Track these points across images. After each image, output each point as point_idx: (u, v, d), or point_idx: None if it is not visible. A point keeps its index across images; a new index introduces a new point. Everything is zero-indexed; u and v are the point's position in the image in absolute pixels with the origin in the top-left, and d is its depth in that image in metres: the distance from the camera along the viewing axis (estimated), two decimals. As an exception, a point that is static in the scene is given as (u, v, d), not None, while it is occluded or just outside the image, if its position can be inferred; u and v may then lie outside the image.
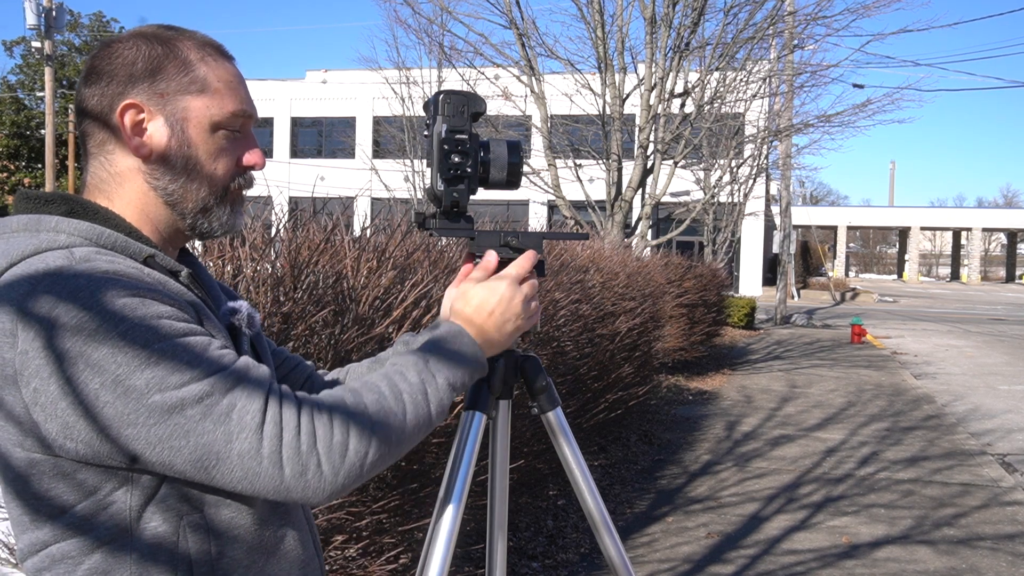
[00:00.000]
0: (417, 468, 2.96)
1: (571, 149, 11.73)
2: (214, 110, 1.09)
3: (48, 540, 0.99)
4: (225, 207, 1.12)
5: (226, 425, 0.94)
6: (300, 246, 2.81)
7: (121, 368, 0.91)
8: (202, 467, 0.94)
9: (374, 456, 1.01)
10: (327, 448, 0.98)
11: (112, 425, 0.92)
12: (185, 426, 0.93)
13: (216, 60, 1.11)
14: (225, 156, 1.11)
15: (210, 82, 1.09)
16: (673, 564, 4.17)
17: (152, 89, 1.07)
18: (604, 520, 1.57)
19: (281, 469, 0.96)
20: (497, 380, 1.47)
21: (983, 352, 14.47)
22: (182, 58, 1.09)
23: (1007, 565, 4.30)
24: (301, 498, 0.98)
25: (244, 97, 1.13)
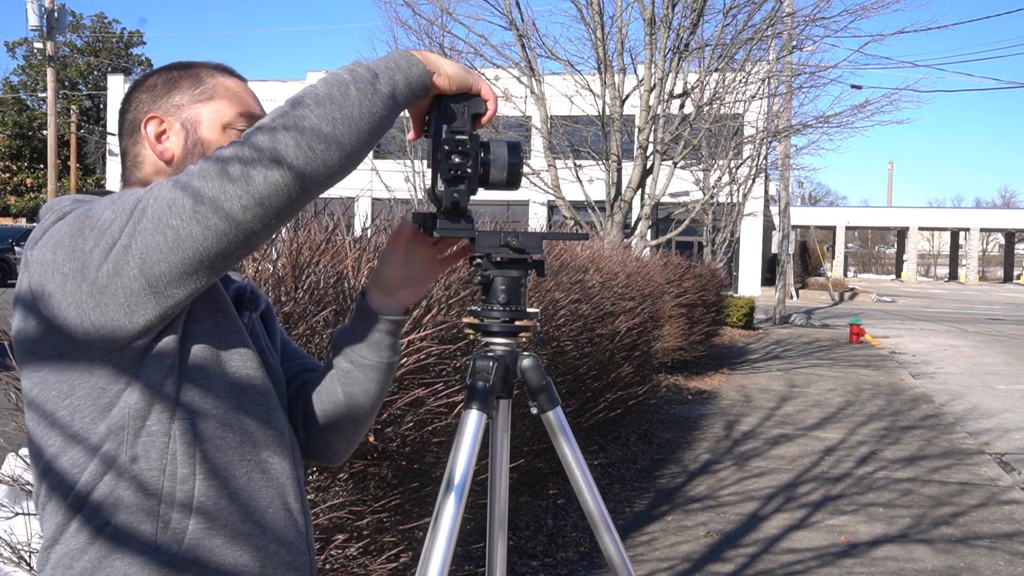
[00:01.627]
0: (418, 467, 2.98)
1: (571, 150, 11.74)
2: (222, 112, 1.25)
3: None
4: None
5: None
6: (301, 246, 2.82)
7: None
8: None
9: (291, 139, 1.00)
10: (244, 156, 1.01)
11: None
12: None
13: (225, 75, 1.28)
14: None
15: (218, 90, 1.26)
16: (672, 563, 4.19)
17: (170, 103, 1.25)
18: (604, 519, 1.59)
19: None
20: (497, 380, 1.48)
21: (981, 352, 14.49)
22: (195, 76, 1.26)
23: (1005, 564, 4.31)
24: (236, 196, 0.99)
25: (251, 103, 1.28)
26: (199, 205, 0.98)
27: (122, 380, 1.07)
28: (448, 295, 3.17)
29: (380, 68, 1.10)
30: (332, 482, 2.74)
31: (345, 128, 1.04)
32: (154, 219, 1.00)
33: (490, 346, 1.52)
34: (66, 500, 1.08)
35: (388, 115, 1.09)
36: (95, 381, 1.07)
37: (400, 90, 1.11)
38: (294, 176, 1.00)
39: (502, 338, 1.52)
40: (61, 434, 1.08)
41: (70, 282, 1.03)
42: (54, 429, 1.08)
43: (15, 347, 1.12)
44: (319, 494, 2.66)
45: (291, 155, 1.00)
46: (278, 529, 1.19)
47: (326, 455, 1.41)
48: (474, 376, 1.49)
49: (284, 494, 1.21)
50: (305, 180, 1.01)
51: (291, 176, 1.00)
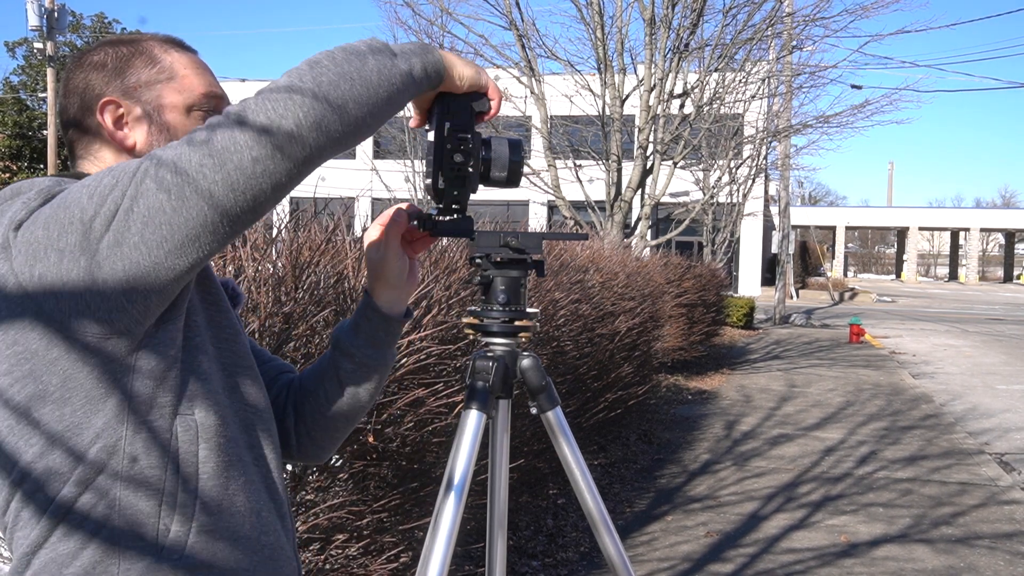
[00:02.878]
0: (418, 467, 2.98)
1: (571, 150, 11.75)
2: (186, 93, 1.16)
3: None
4: None
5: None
6: (301, 246, 2.82)
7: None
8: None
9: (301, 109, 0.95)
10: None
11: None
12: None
13: (179, 51, 1.18)
14: None
15: (177, 69, 1.16)
16: (672, 563, 4.19)
17: (125, 84, 1.14)
18: (603, 519, 1.59)
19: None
20: (497, 380, 1.48)
21: (981, 352, 14.49)
22: (147, 53, 1.16)
23: (1005, 564, 4.31)
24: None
25: (212, 80, 1.19)
26: (207, 159, 0.92)
27: (120, 371, 0.98)
28: (448, 295, 3.17)
29: (398, 48, 1.08)
30: (332, 482, 2.74)
31: (363, 90, 0.99)
32: (158, 177, 0.92)
33: (490, 346, 1.52)
34: (51, 504, 0.99)
35: (404, 90, 1.05)
36: (88, 371, 0.97)
37: (417, 72, 1.08)
38: (308, 119, 0.95)
39: (502, 338, 1.52)
40: (44, 434, 0.98)
41: (67, 259, 0.93)
42: (35, 429, 0.98)
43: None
44: (319, 494, 2.67)
45: (307, 102, 0.95)
46: (272, 530, 1.15)
47: (315, 453, 1.37)
48: (474, 376, 1.49)
49: (273, 494, 1.17)
50: (319, 123, 0.95)
51: (303, 118, 0.94)
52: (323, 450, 1.37)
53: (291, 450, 1.33)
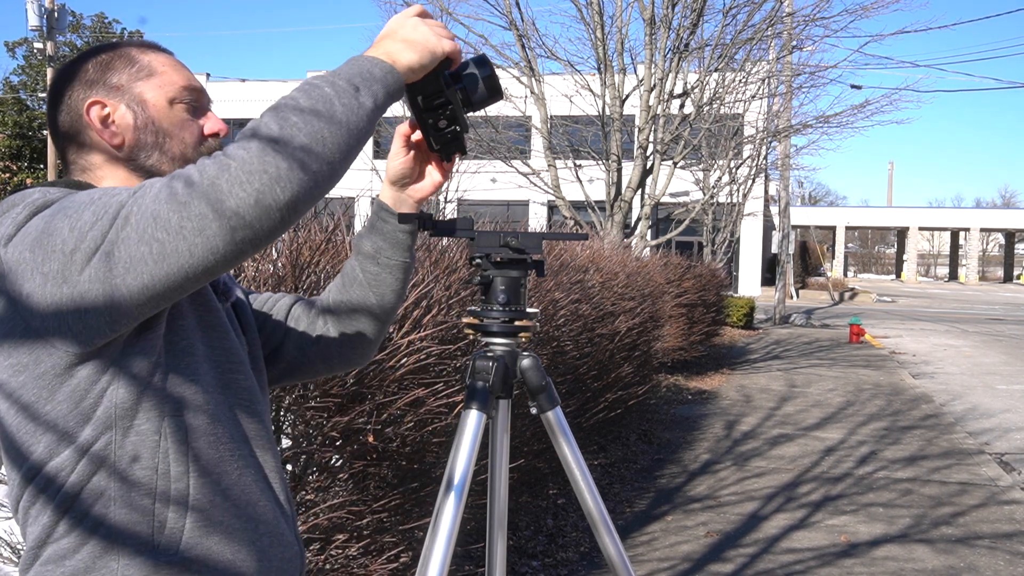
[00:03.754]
0: (418, 467, 2.98)
1: (571, 150, 11.75)
2: (166, 87, 1.20)
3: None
4: None
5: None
6: (301, 246, 2.82)
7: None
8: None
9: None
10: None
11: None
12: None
13: (155, 52, 1.24)
14: (188, 126, 1.21)
15: (155, 66, 1.21)
16: (673, 563, 4.19)
17: (107, 85, 1.19)
18: (603, 519, 1.59)
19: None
20: (497, 380, 1.48)
21: (981, 352, 14.49)
22: (126, 56, 1.21)
23: (1005, 564, 4.31)
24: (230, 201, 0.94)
25: (190, 75, 1.24)
26: (185, 221, 0.93)
27: (104, 378, 1.04)
28: (448, 295, 3.17)
29: (357, 80, 1.05)
30: (332, 482, 2.74)
31: (334, 145, 0.99)
32: (139, 229, 0.95)
33: (490, 346, 1.53)
34: (54, 501, 1.05)
35: (371, 127, 1.06)
36: (76, 383, 1.03)
37: (380, 101, 1.08)
38: (285, 196, 0.95)
39: (502, 338, 1.52)
40: (47, 436, 1.04)
41: (50, 283, 0.98)
42: (39, 431, 1.05)
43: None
44: (319, 494, 2.67)
45: (282, 174, 0.95)
46: (270, 522, 1.18)
47: (353, 358, 1.45)
48: (474, 376, 1.49)
49: (272, 486, 1.21)
50: (296, 199, 0.96)
51: (281, 195, 0.95)
52: (362, 354, 1.45)
53: (332, 361, 1.41)
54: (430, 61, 1.14)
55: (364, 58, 1.10)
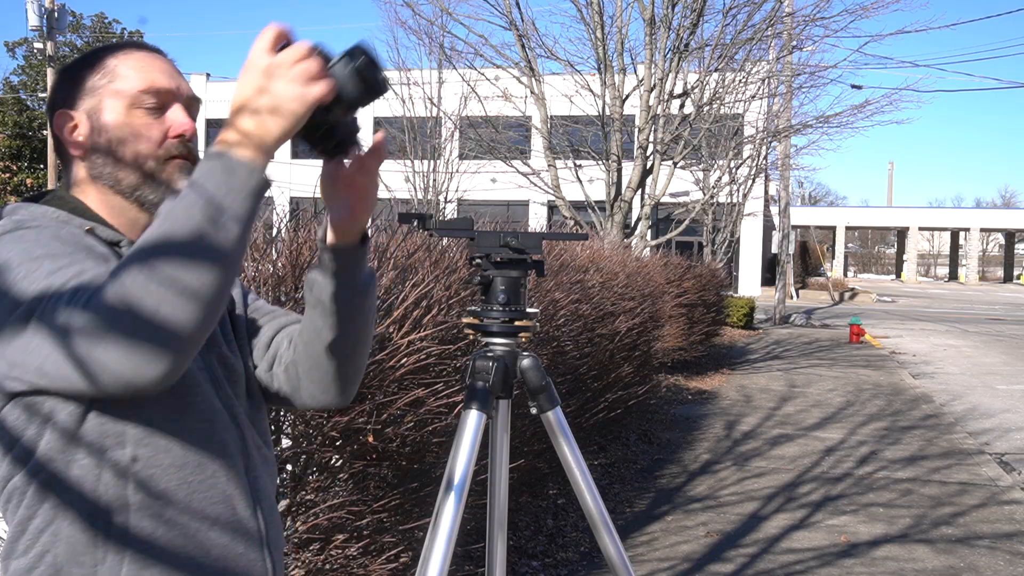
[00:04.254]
0: (418, 467, 2.97)
1: (571, 150, 11.74)
2: (123, 91, 1.16)
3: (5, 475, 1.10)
4: (160, 179, 1.17)
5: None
6: (301, 246, 2.82)
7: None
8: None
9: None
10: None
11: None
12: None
13: (132, 51, 1.20)
14: (146, 132, 1.17)
15: (119, 71, 1.17)
16: (673, 563, 4.18)
17: (74, 96, 1.18)
18: (603, 519, 1.59)
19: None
20: (497, 380, 1.48)
21: (981, 352, 14.49)
22: (97, 62, 1.19)
23: (1005, 564, 4.31)
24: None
25: (155, 76, 1.18)
26: (66, 360, 0.94)
27: (41, 414, 1.04)
28: (448, 295, 3.17)
29: (226, 201, 0.95)
30: (332, 482, 2.74)
31: (208, 280, 0.93)
32: (41, 342, 0.96)
33: (490, 346, 1.52)
34: (15, 517, 1.08)
35: (246, 240, 1.00)
36: (15, 415, 1.05)
37: (250, 212, 0.98)
38: (160, 339, 0.91)
39: (502, 338, 1.52)
40: (4, 460, 1.08)
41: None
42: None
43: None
44: (319, 494, 2.66)
45: (161, 314, 0.90)
46: (225, 545, 1.14)
47: (325, 398, 1.31)
48: (474, 376, 1.49)
49: (233, 505, 1.16)
50: (179, 363, 0.94)
51: (157, 339, 0.91)
52: (328, 394, 1.31)
53: (300, 398, 1.30)
54: (303, 118, 0.98)
55: (222, 161, 0.96)
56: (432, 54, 15.82)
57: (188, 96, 1.22)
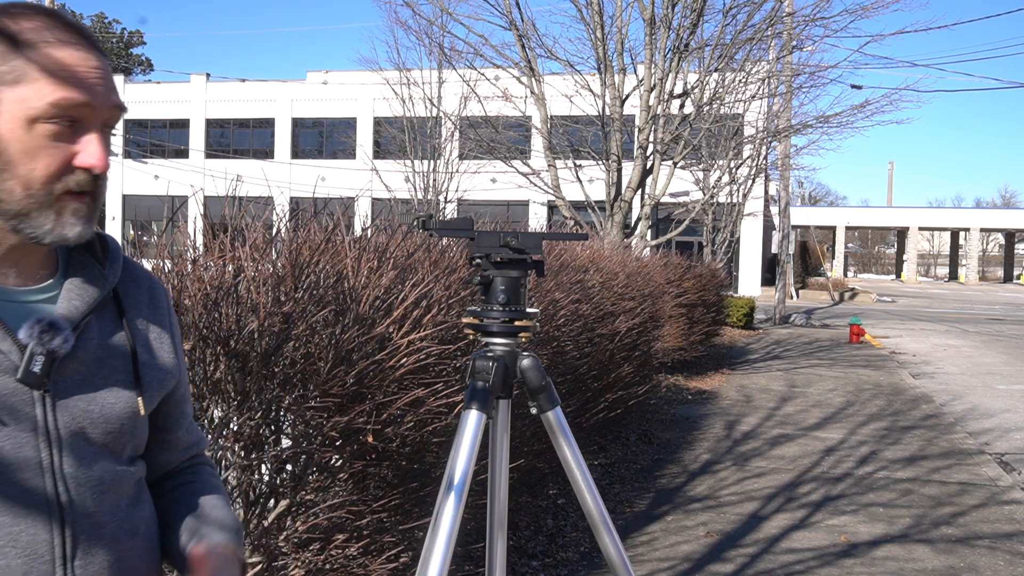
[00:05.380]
0: (418, 467, 2.97)
1: (571, 150, 11.75)
2: (32, 101, 0.94)
3: None
4: (49, 213, 0.97)
5: None
6: (301, 246, 2.82)
7: None
8: None
9: None
10: None
11: None
12: None
13: (58, 45, 0.96)
14: (46, 154, 0.96)
15: (31, 70, 0.94)
16: (673, 563, 4.18)
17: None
18: (603, 519, 1.59)
19: None
20: (497, 380, 1.48)
21: (981, 352, 14.49)
22: (6, 45, 0.95)
23: (1005, 564, 4.31)
24: None
25: (75, 92, 0.96)
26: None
27: None
28: (448, 295, 3.17)
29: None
30: (332, 482, 2.74)
31: None
32: None
33: (490, 346, 1.52)
34: None
35: None
36: None
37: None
38: None
39: (502, 338, 1.52)
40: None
41: None
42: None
43: None
44: (319, 494, 2.66)
45: None
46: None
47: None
48: (474, 376, 1.49)
49: (43, 570, 0.98)
50: None
51: None
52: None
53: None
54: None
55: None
56: (432, 54, 15.85)
57: (109, 108, 0.99)
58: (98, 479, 1.03)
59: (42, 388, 0.98)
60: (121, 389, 1.06)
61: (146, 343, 1.11)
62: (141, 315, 1.12)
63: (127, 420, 1.06)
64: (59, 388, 1.00)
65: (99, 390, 1.04)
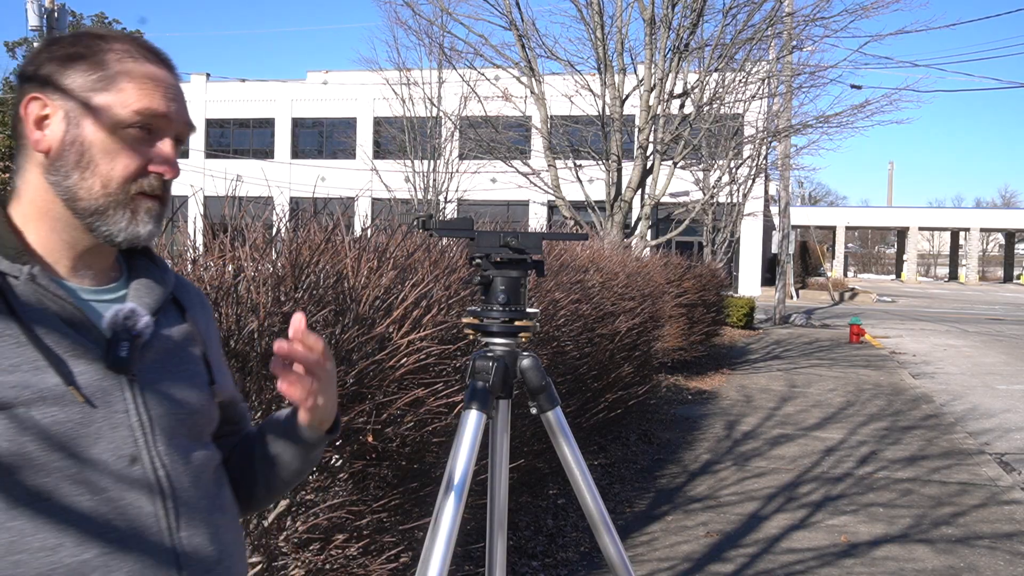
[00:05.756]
0: (418, 467, 2.97)
1: (571, 150, 11.75)
2: (116, 108, 1.05)
3: None
4: (124, 212, 1.07)
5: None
6: (301, 246, 2.82)
7: None
8: None
9: None
10: None
11: None
12: None
13: (138, 61, 1.08)
14: (125, 156, 1.06)
15: (118, 80, 1.06)
16: (673, 563, 4.18)
17: (56, 82, 1.05)
18: (603, 519, 1.59)
19: None
20: (497, 380, 1.48)
21: (981, 352, 14.49)
22: (99, 58, 1.06)
23: (1005, 564, 4.31)
24: None
25: (157, 102, 1.07)
26: None
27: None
28: (448, 295, 3.17)
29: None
30: (332, 482, 2.74)
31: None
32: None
33: (490, 346, 1.52)
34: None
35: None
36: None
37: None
38: None
39: (502, 338, 1.52)
40: None
41: None
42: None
43: None
44: (319, 494, 2.66)
45: None
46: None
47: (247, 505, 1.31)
48: (474, 376, 1.49)
49: (153, 540, 1.05)
50: None
51: None
52: (250, 506, 1.31)
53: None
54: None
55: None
56: (432, 54, 15.84)
57: (182, 123, 1.11)
58: (187, 459, 1.11)
59: (128, 373, 1.06)
60: (194, 378, 1.15)
61: (207, 339, 1.22)
62: (196, 313, 1.23)
63: (202, 407, 1.16)
64: (142, 374, 1.08)
65: (176, 378, 1.13)
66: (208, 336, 1.24)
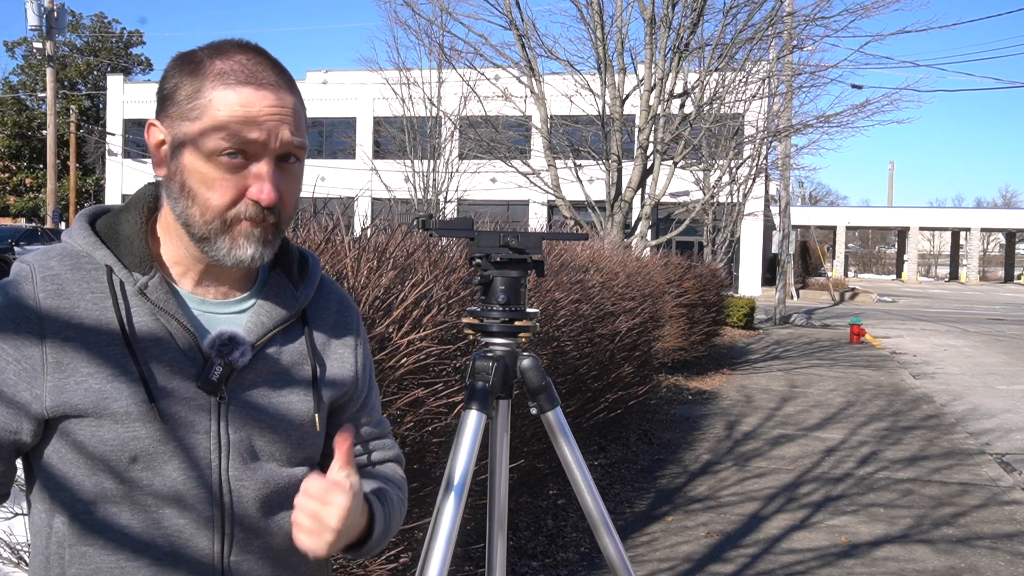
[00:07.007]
0: (418, 468, 2.97)
1: (571, 149, 11.74)
2: (207, 138, 1.04)
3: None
4: (224, 238, 1.07)
5: None
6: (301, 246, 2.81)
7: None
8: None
9: None
10: None
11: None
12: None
13: (230, 86, 1.05)
14: (220, 185, 1.05)
15: (210, 109, 1.04)
16: (673, 563, 4.18)
17: (166, 111, 1.08)
18: (603, 519, 1.58)
19: None
20: (497, 380, 1.48)
21: (982, 352, 14.48)
22: (196, 84, 1.06)
23: (1006, 564, 4.31)
24: None
25: (249, 124, 1.05)
26: None
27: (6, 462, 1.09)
28: (448, 295, 3.16)
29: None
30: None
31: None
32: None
33: (490, 346, 1.52)
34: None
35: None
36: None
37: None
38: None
39: (502, 338, 1.52)
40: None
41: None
42: None
43: None
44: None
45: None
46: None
47: None
48: (474, 376, 1.49)
49: (185, 543, 1.10)
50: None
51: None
52: None
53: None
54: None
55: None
56: (432, 54, 15.82)
57: (280, 143, 1.07)
58: (262, 481, 1.12)
59: (217, 395, 1.09)
60: (295, 403, 1.15)
61: (323, 360, 1.20)
62: (325, 332, 1.21)
63: (295, 431, 1.15)
64: (234, 396, 1.11)
65: (272, 402, 1.14)
66: (332, 351, 1.21)
